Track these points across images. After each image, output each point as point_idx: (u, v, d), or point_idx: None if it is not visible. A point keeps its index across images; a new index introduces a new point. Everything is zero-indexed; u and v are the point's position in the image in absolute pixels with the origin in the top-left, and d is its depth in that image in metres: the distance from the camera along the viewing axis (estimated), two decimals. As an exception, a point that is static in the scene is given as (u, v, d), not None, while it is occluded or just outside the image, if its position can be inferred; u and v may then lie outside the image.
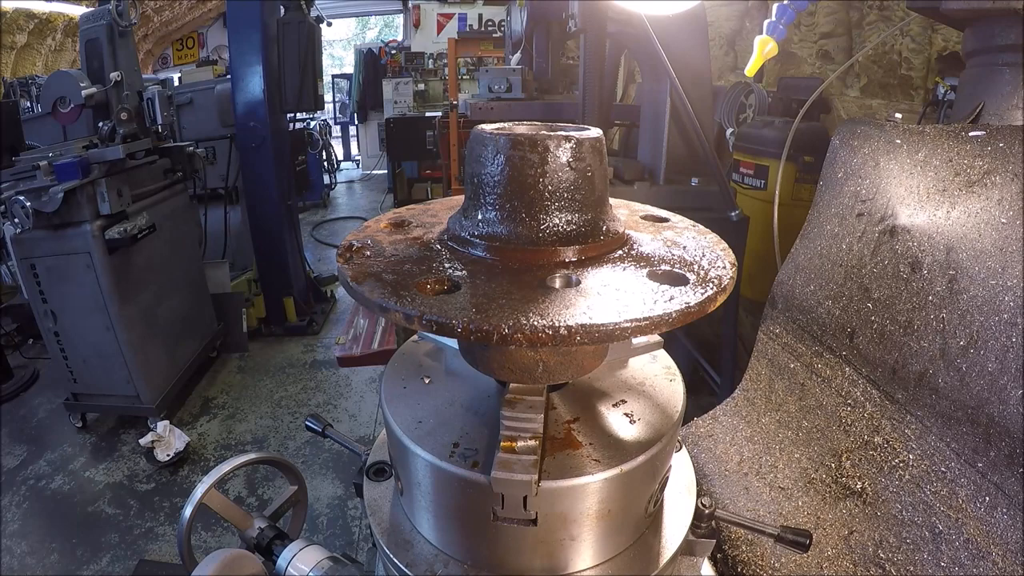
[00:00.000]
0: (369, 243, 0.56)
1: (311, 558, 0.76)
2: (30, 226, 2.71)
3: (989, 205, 0.84)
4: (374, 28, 19.49)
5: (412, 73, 9.80)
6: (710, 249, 0.54)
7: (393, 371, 0.66)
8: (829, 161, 1.20)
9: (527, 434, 0.48)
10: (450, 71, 6.24)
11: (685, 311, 0.42)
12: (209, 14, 10.51)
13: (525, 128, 0.55)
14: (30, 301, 3.10)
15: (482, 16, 9.54)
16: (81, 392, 3.29)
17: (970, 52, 1.18)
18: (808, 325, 1.13)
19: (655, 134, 2.22)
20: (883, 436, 0.93)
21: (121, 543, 2.62)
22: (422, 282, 0.46)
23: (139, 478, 3.05)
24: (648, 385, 0.62)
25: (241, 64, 4.03)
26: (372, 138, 10.46)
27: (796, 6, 1.37)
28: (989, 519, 0.74)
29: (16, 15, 6.54)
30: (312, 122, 8.17)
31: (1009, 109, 1.10)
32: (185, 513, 0.81)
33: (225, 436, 3.39)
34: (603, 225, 0.53)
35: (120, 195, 2.94)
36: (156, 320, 3.34)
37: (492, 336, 0.39)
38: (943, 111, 1.95)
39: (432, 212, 0.67)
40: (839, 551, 0.91)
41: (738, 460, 1.14)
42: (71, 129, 3.38)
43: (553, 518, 0.51)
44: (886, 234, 1.00)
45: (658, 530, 0.60)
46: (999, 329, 0.77)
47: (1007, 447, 0.73)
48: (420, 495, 0.56)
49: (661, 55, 1.98)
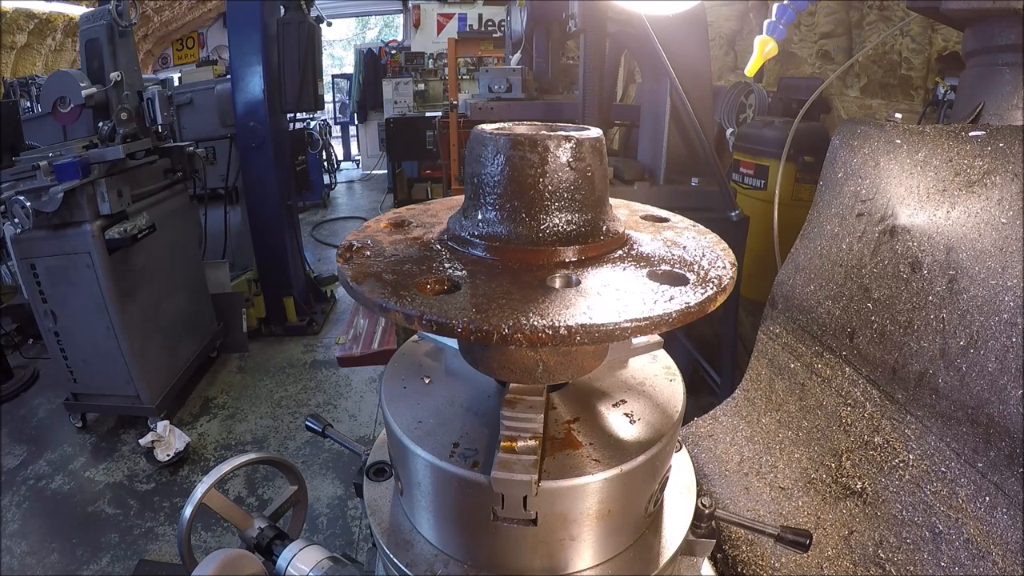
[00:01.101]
0: (369, 243, 0.56)
1: (311, 558, 0.76)
2: (30, 226, 2.71)
3: (989, 205, 0.84)
4: (374, 28, 19.49)
5: (412, 73, 9.80)
6: (710, 249, 0.54)
7: (393, 371, 0.66)
8: (829, 161, 1.20)
9: (527, 434, 0.48)
10: (450, 71, 6.24)
11: (685, 311, 0.42)
12: (209, 14, 10.51)
13: (525, 128, 0.55)
14: (30, 301, 3.10)
15: (482, 16, 9.54)
16: (81, 392, 3.28)
17: (970, 52, 1.18)
18: (808, 325, 1.13)
19: (655, 134, 2.22)
20: (883, 436, 0.93)
21: (121, 543, 2.62)
22: (422, 282, 0.46)
23: (139, 478, 3.05)
24: (648, 385, 0.62)
25: (241, 64, 4.03)
26: (372, 138, 10.46)
27: (796, 6, 1.37)
28: (989, 519, 0.74)
29: (16, 15, 6.54)
30: (312, 122, 8.17)
31: (1009, 109, 1.10)
32: (185, 513, 0.81)
33: (225, 436, 3.39)
34: (603, 225, 0.53)
35: (120, 195, 2.94)
36: (156, 320, 3.34)
37: (492, 336, 0.39)
38: (943, 111, 1.95)
39: (432, 212, 0.67)
40: (839, 551, 0.91)
41: (738, 460, 1.14)
42: (71, 129, 3.38)
43: (553, 518, 0.51)
44: (886, 234, 1.00)
45: (658, 530, 0.60)
46: (999, 329, 0.77)
47: (1007, 447, 0.73)
48: (420, 495, 0.56)
49: (661, 55, 1.98)
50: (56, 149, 2.96)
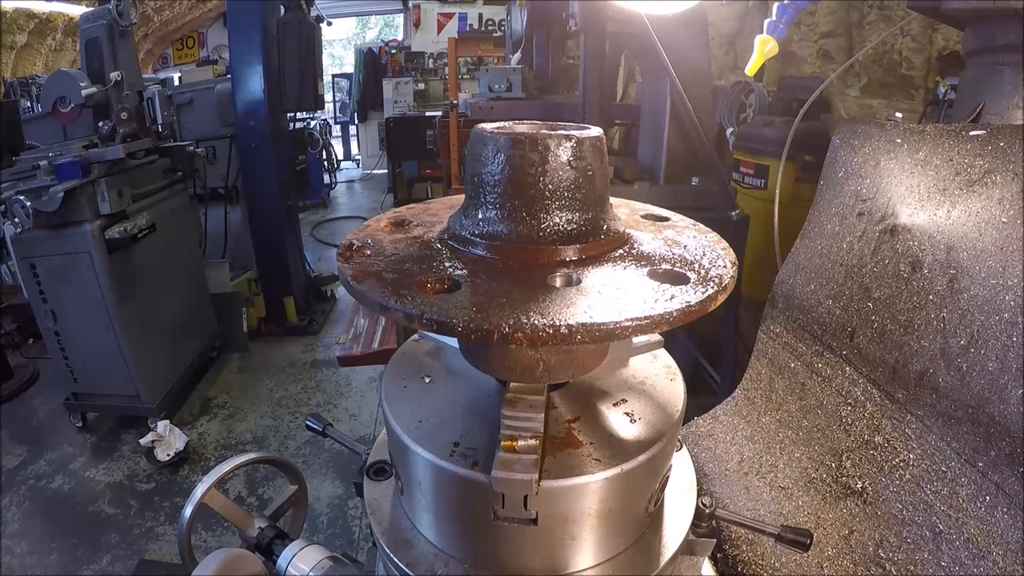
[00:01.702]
0: (369, 242, 0.56)
1: (311, 558, 0.76)
2: (30, 226, 2.71)
3: (990, 204, 0.84)
4: (374, 28, 19.49)
5: (412, 72, 9.79)
6: (711, 248, 0.54)
7: (393, 370, 0.66)
8: (829, 160, 1.20)
9: (527, 433, 0.48)
10: (450, 71, 6.23)
11: (686, 310, 0.42)
12: (209, 14, 10.52)
13: (525, 127, 0.55)
14: (30, 301, 3.10)
15: (482, 16, 9.52)
16: (81, 392, 3.29)
17: (970, 52, 1.18)
18: (808, 324, 1.13)
19: (655, 133, 2.22)
20: (883, 435, 0.93)
21: (121, 543, 2.62)
22: (422, 281, 0.46)
23: (139, 478, 3.05)
24: (649, 384, 0.62)
25: (241, 64, 4.03)
26: (372, 138, 10.45)
27: (796, 5, 1.37)
28: (989, 519, 0.74)
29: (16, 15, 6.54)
30: (312, 122, 8.17)
31: (1009, 109, 1.10)
32: (185, 513, 0.81)
33: (225, 436, 3.39)
34: (604, 224, 0.53)
35: (120, 195, 2.94)
36: (156, 320, 3.34)
37: (492, 335, 0.39)
38: (943, 110, 1.95)
39: (432, 211, 0.67)
40: (839, 551, 0.91)
41: (738, 460, 1.13)
42: (71, 129, 3.38)
43: (553, 517, 0.51)
44: (886, 233, 1.00)
45: (659, 530, 0.60)
46: (1000, 328, 0.77)
47: (1007, 446, 0.73)
48: (420, 495, 0.56)
49: (661, 55, 1.97)
50: (56, 149, 2.96)
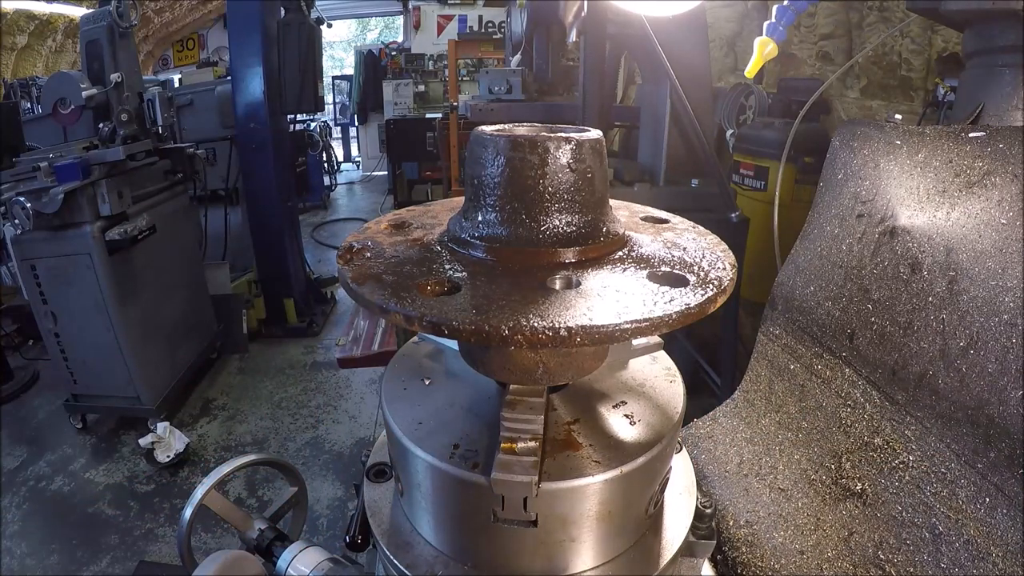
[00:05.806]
0: (369, 244, 0.56)
1: (311, 559, 0.76)
2: (30, 227, 2.71)
3: (989, 206, 0.84)
4: (374, 29, 19.50)
5: (412, 74, 9.80)
6: (710, 250, 0.54)
7: (393, 372, 0.66)
8: (829, 162, 1.20)
9: (527, 435, 0.48)
10: (450, 72, 6.25)
11: (685, 312, 0.42)
12: (209, 16, 10.53)
13: (525, 129, 0.55)
14: (30, 302, 3.10)
15: (482, 18, 9.54)
16: (81, 393, 3.28)
17: (970, 53, 1.18)
18: (808, 326, 1.13)
19: (655, 135, 2.23)
20: (883, 437, 0.93)
21: (121, 544, 2.62)
22: (422, 283, 0.46)
23: (139, 479, 3.05)
24: (648, 386, 0.62)
25: (241, 66, 4.04)
26: (372, 139, 10.46)
27: (796, 7, 1.37)
28: (989, 520, 0.74)
29: (16, 16, 6.54)
30: (312, 123, 8.17)
31: (1009, 110, 1.10)
32: (185, 514, 0.81)
33: (225, 437, 3.39)
34: (603, 226, 0.53)
35: (120, 196, 2.94)
36: (156, 321, 3.34)
37: (492, 337, 0.39)
38: (943, 112, 1.95)
39: (432, 213, 0.67)
40: (839, 552, 0.91)
41: (738, 461, 1.13)
42: (71, 130, 3.37)
43: (553, 519, 0.51)
44: (886, 235, 1.00)
45: (658, 531, 0.60)
46: (999, 330, 0.77)
47: (1007, 448, 0.73)
48: (420, 496, 0.56)
49: (661, 57, 1.98)
50: (56, 150, 2.97)
